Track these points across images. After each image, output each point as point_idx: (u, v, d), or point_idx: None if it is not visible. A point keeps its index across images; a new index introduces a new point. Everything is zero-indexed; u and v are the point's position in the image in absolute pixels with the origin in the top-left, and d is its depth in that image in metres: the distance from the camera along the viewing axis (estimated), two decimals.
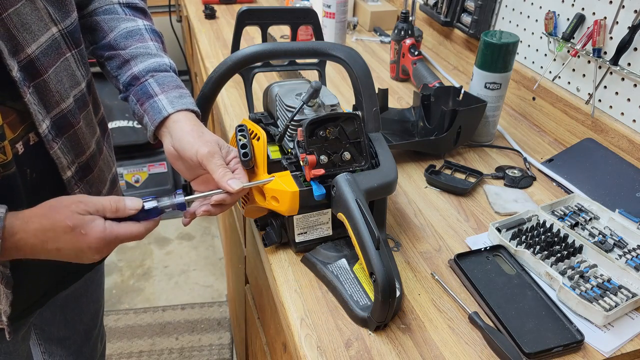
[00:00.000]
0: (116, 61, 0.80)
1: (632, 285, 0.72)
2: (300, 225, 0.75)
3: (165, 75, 0.78)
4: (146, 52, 0.80)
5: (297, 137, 0.74)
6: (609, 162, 0.95)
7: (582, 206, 0.87)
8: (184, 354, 1.93)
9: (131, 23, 0.82)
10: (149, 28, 0.83)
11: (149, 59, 0.79)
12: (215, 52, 1.49)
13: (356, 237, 0.66)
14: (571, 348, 0.65)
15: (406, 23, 1.33)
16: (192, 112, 0.76)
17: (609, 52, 0.97)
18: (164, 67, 0.79)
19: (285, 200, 0.71)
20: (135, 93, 0.77)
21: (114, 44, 0.80)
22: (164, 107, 0.74)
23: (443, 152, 1.04)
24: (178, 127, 0.73)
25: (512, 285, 0.73)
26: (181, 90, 0.78)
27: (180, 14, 2.65)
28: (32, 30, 0.66)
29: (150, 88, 0.77)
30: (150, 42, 0.81)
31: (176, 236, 2.50)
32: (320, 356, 0.64)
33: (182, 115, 0.74)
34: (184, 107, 0.74)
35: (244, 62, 0.80)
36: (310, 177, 0.71)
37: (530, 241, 0.79)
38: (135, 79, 0.78)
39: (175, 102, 0.75)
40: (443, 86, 1.16)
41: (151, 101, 0.75)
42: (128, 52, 0.79)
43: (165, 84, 0.77)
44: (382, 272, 0.61)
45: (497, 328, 0.68)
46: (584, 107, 1.04)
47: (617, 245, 0.80)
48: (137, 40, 0.80)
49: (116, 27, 0.81)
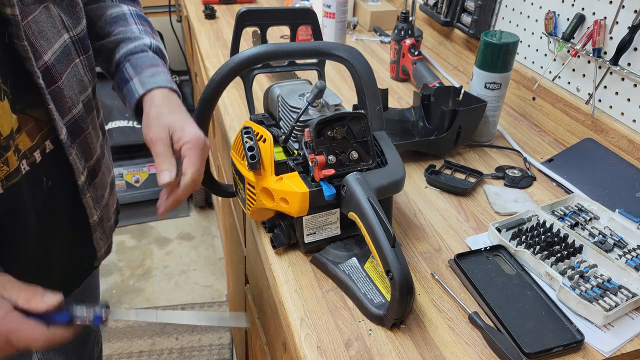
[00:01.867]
0: (105, 53, 0.79)
1: (632, 285, 0.72)
2: (309, 225, 0.75)
3: (141, 55, 0.76)
4: (127, 36, 0.78)
5: (304, 138, 0.74)
6: (609, 162, 0.95)
7: (582, 206, 0.87)
8: (184, 354, 1.93)
9: (116, 9, 0.81)
10: (134, 12, 0.82)
11: (130, 44, 0.78)
12: (215, 52, 1.49)
13: (370, 235, 0.66)
14: (571, 348, 0.65)
15: (406, 23, 1.33)
16: (166, 89, 0.73)
17: (609, 52, 0.97)
18: (141, 47, 0.77)
19: (295, 202, 0.71)
20: (116, 80, 0.76)
21: (100, 32, 0.79)
22: (136, 89, 0.73)
23: (443, 152, 1.04)
24: (146, 108, 0.71)
25: (512, 285, 0.73)
26: (155, 68, 0.75)
27: (180, 14, 2.65)
28: (48, 37, 0.66)
29: (126, 73, 0.75)
30: (134, 26, 0.80)
31: (176, 236, 2.50)
32: (320, 356, 0.64)
33: (153, 95, 0.72)
34: (155, 86, 0.72)
35: (246, 64, 0.79)
36: (320, 177, 0.71)
37: (530, 241, 0.79)
38: (117, 67, 0.77)
39: (147, 81, 0.73)
40: (443, 86, 1.16)
41: (127, 86, 0.74)
42: (112, 40, 0.78)
43: (139, 65, 0.75)
44: (399, 269, 0.62)
45: (497, 328, 0.68)
46: (584, 107, 1.04)
47: (617, 245, 0.80)
48: (121, 25, 0.79)
49: (102, 15, 0.80)
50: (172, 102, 0.72)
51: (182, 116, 0.71)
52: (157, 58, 0.77)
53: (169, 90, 0.73)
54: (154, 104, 0.71)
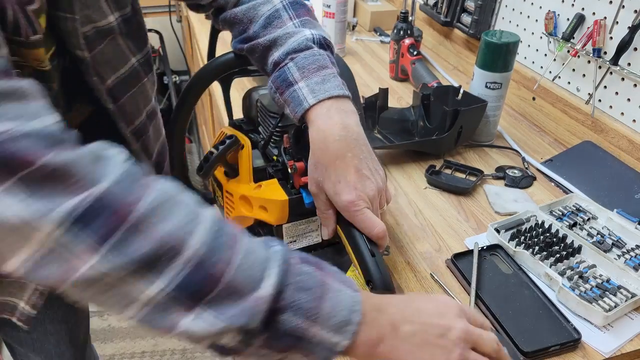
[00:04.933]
0: (257, 52, 0.73)
1: (632, 286, 0.72)
2: (289, 233, 0.73)
3: (306, 55, 0.68)
4: (284, 33, 0.71)
5: (283, 144, 0.72)
6: (608, 165, 0.96)
7: (580, 206, 0.87)
8: (187, 355, 1.93)
9: (267, 6, 0.73)
10: (287, 3, 0.74)
11: (289, 39, 0.70)
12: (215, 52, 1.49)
13: (351, 244, 0.64)
14: (568, 347, 0.65)
15: (405, 23, 1.33)
16: (338, 99, 0.67)
17: (609, 52, 0.97)
18: (305, 44, 0.69)
19: (274, 209, 0.69)
20: (274, 80, 0.70)
21: (253, 36, 0.73)
22: (304, 97, 0.66)
23: (444, 152, 1.04)
24: (311, 133, 0.65)
25: (509, 284, 0.73)
26: (324, 71, 0.68)
27: (180, 14, 2.65)
28: (113, 64, 0.70)
29: (289, 74, 0.68)
30: (289, 22, 0.72)
31: None
32: None
33: (323, 109, 0.65)
34: (326, 96, 0.66)
35: (224, 69, 0.78)
36: (299, 184, 0.69)
37: (529, 242, 0.80)
38: (276, 65, 0.70)
39: (317, 89, 0.66)
40: (442, 86, 1.16)
41: (291, 90, 0.67)
42: (266, 39, 0.71)
43: (305, 67, 0.68)
44: (379, 279, 0.60)
45: (494, 327, 0.68)
46: (584, 107, 1.04)
47: (616, 245, 0.80)
48: (275, 27, 0.72)
49: (254, 17, 0.73)
50: (338, 118, 0.66)
51: (335, 168, 0.64)
52: (324, 55, 0.70)
53: (341, 100, 0.67)
54: (313, 138, 0.65)
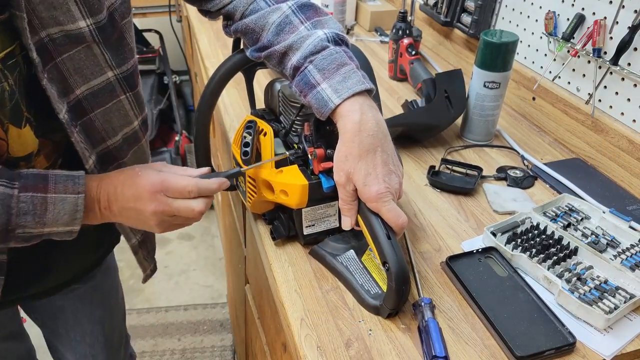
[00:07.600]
0: (275, 58, 0.74)
1: (629, 286, 0.72)
2: (308, 217, 0.77)
3: (324, 55, 0.70)
4: (299, 37, 0.72)
5: (304, 132, 0.76)
6: (599, 181, 0.96)
7: (572, 206, 0.87)
8: (186, 355, 1.93)
9: (277, 14, 0.75)
10: (295, 8, 0.75)
11: (303, 43, 0.71)
12: (215, 52, 1.50)
13: (367, 227, 0.67)
14: (563, 351, 0.65)
15: (404, 22, 1.33)
16: (361, 95, 0.69)
17: (609, 52, 0.97)
18: (321, 45, 0.71)
19: (295, 194, 0.73)
20: (297, 84, 0.72)
21: (267, 44, 0.75)
22: (329, 97, 0.68)
23: (442, 127, 1.04)
24: (348, 120, 0.67)
25: (504, 287, 0.73)
26: (344, 68, 0.69)
27: (180, 14, 2.65)
28: (85, 73, 0.70)
29: (310, 76, 0.70)
30: (301, 26, 0.73)
31: (176, 236, 2.50)
32: (320, 356, 0.64)
33: (355, 105, 0.67)
34: (350, 94, 0.68)
35: (247, 61, 0.80)
36: (319, 169, 0.73)
37: (526, 244, 0.79)
38: (296, 70, 0.72)
39: (340, 88, 0.68)
40: (429, 78, 1.16)
41: (314, 92, 0.69)
42: (282, 45, 0.73)
43: (325, 68, 0.69)
44: (395, 260, 0.63)
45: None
46: (584, 107, 1.04)
47: (610, 245, 0.79)
48: (288, 32, 0.73)
49: (265, 25, 0.75)
50: (364, 115, 0.67)
51: (366, 161, 0.66)
52: (341, 52, 0.71)
53: (364, 96, 0.69)
54: (346, 130, 0.67)
